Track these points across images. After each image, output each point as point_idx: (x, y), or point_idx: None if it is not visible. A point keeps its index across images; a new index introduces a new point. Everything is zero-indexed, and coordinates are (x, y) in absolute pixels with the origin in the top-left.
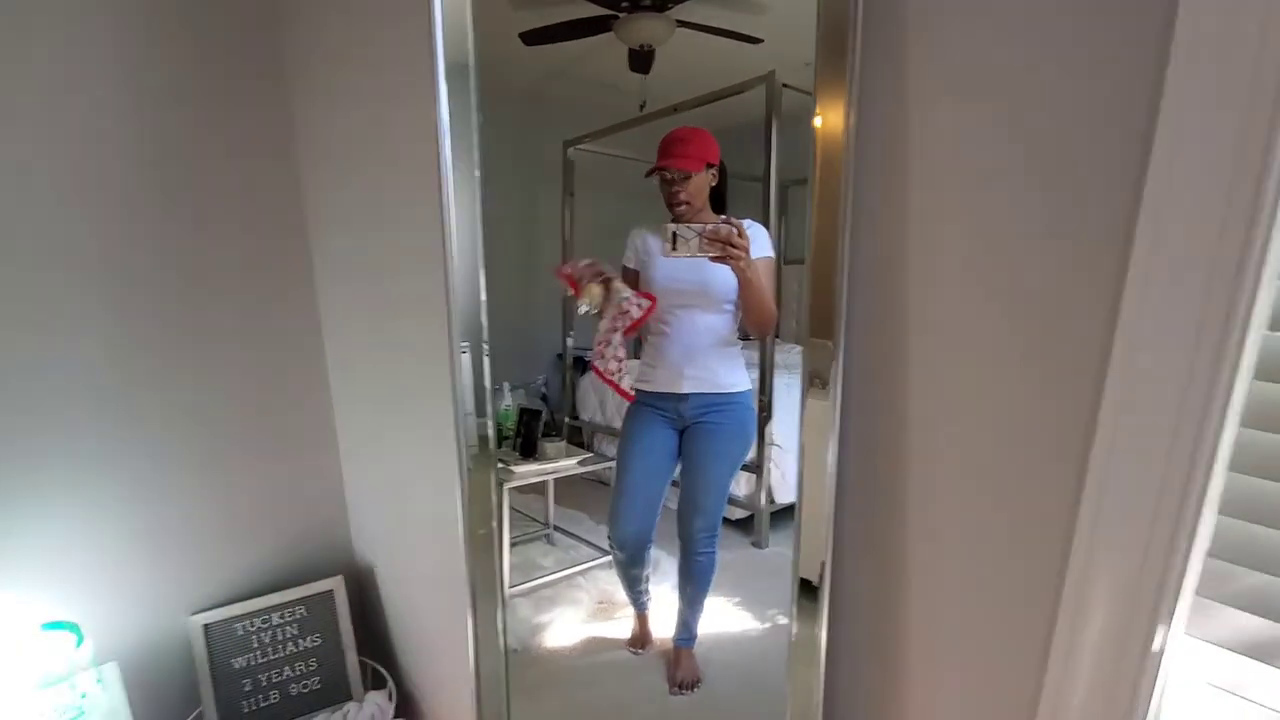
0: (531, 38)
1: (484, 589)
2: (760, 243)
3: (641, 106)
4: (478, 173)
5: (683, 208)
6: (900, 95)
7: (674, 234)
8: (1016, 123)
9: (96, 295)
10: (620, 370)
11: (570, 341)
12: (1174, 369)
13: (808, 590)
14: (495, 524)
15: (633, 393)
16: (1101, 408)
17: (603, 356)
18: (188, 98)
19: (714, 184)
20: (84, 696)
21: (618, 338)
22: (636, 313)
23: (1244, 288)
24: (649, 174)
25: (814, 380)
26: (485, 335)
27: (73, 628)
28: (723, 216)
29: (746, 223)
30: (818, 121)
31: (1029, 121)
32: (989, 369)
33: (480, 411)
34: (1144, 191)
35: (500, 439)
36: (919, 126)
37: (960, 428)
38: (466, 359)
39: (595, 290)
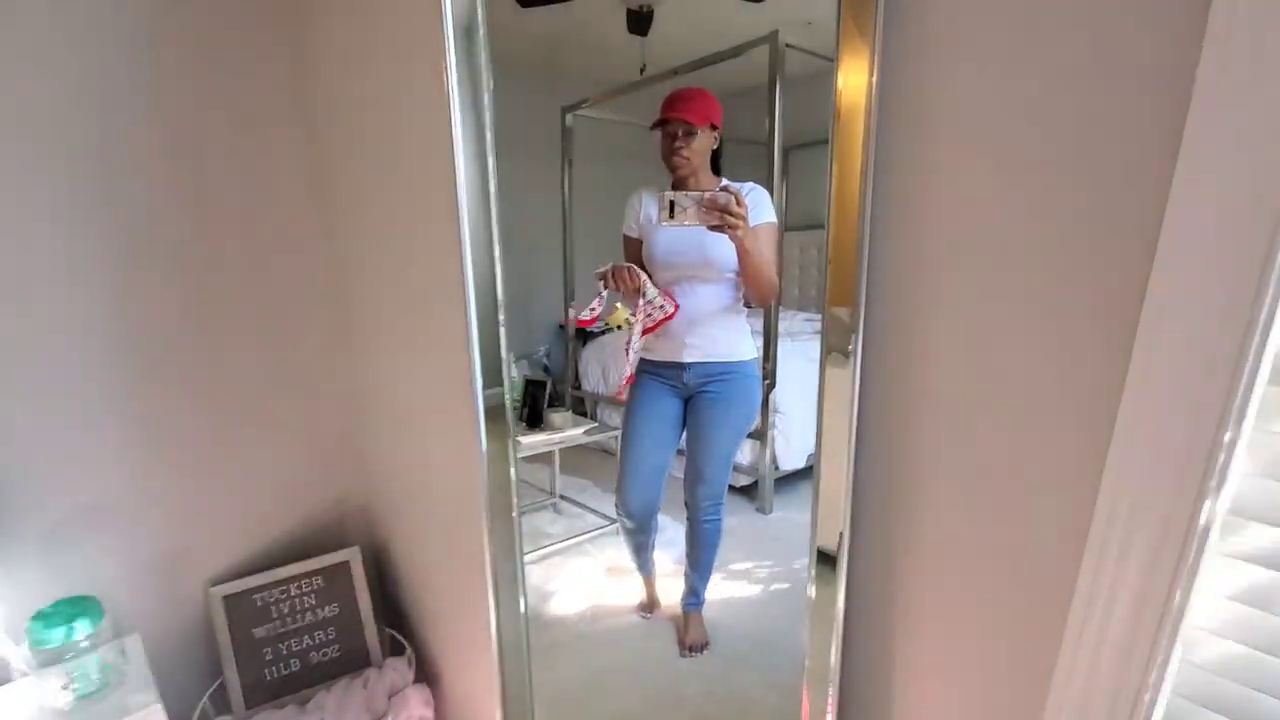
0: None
1: (503, 555)
2: (761, 207)
3: (641, 70)
4: (489, 135)
5: (683, 162)
6: (923, 50)
7: (671, 202)
8: (1048, 77)
9: (104, 259)
10: (632, 366)
11: (572, 313)
12: (1195, 342)
13: (825, 559)
14: (512, 492)
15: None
16: (1128, 378)
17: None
18: (189, 59)
19: (714, 146)
20: (108, 668)
21: (638, 336)
22: (659, 315)
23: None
24: (653, 126)
25: (833, 349)
26: (501, 304)
27: (93, 601)
28: (721, 181)
29: (747, 186)
30: (839, 79)
31: (1061, 74)
32: (1012, 339)
33: (497, 381)
34: (1179, 146)
35: None
36: (944, 83)
37: (982, 398)
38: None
39: (623, 314)
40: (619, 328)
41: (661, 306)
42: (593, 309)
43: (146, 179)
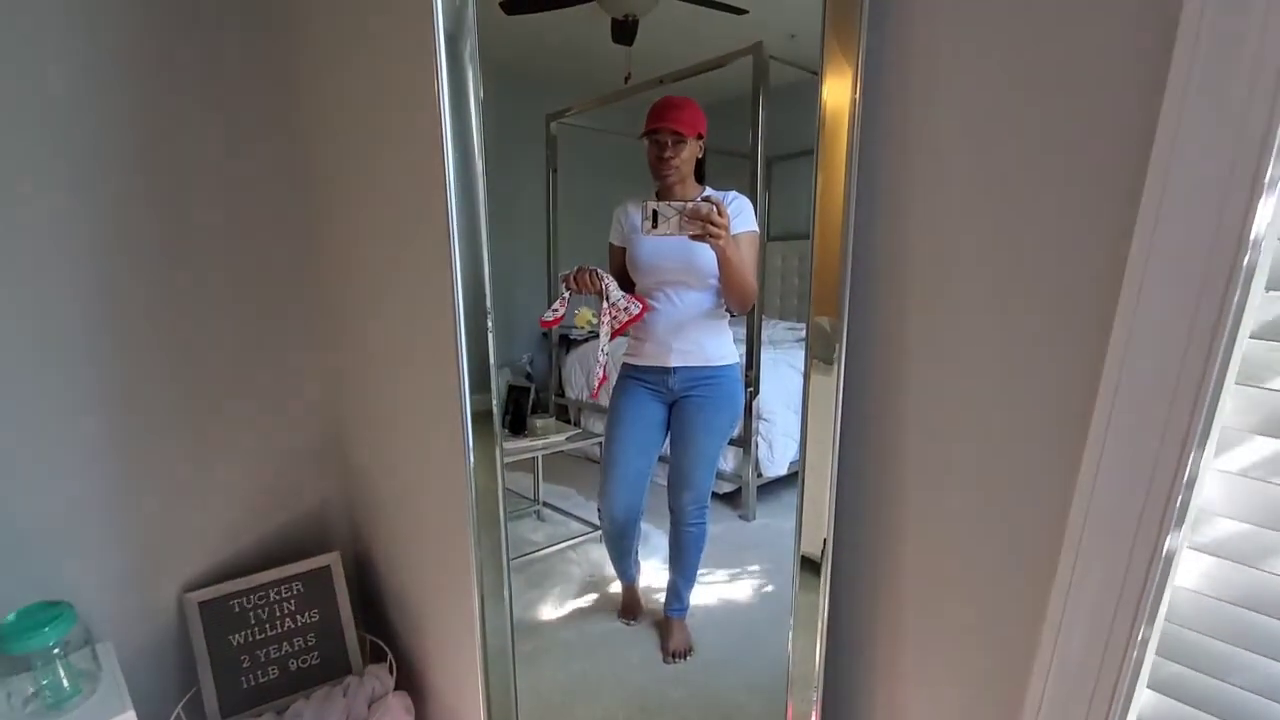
0: (512, 6)
1: (489, 563)
2: (744, 216)
3: (626, 79)
4: (478, 142)
5: (672, 171)
6: (906, 63)
7: (654, 212)
8: (1028, 88)
9: (81, 262)
10: (604, 366)
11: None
12: (1169, 350)
13: (809, 565)
14: (499, 499)
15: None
16: (1101, 384)
17: (600, 365)
18: (178, 61)
19: (699, 155)
20: (79, 676)
21: (605, 340)
22: (624, 317)
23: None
24: (643, 135)
25: (817, 358)
26: (489, 311)
27: (64, 606)
28: (705, 190)
29: (730, 195)
30: (824, 92)
31: (1042, 87)
32: (993, 349)
33: (484, 387)
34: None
35: None
36: (926, 96)
37: (963, 407)
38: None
39: (587, 314)
40: (586, 328)
41: (626, 309)
42: (555, 310)
43: (130, 184)
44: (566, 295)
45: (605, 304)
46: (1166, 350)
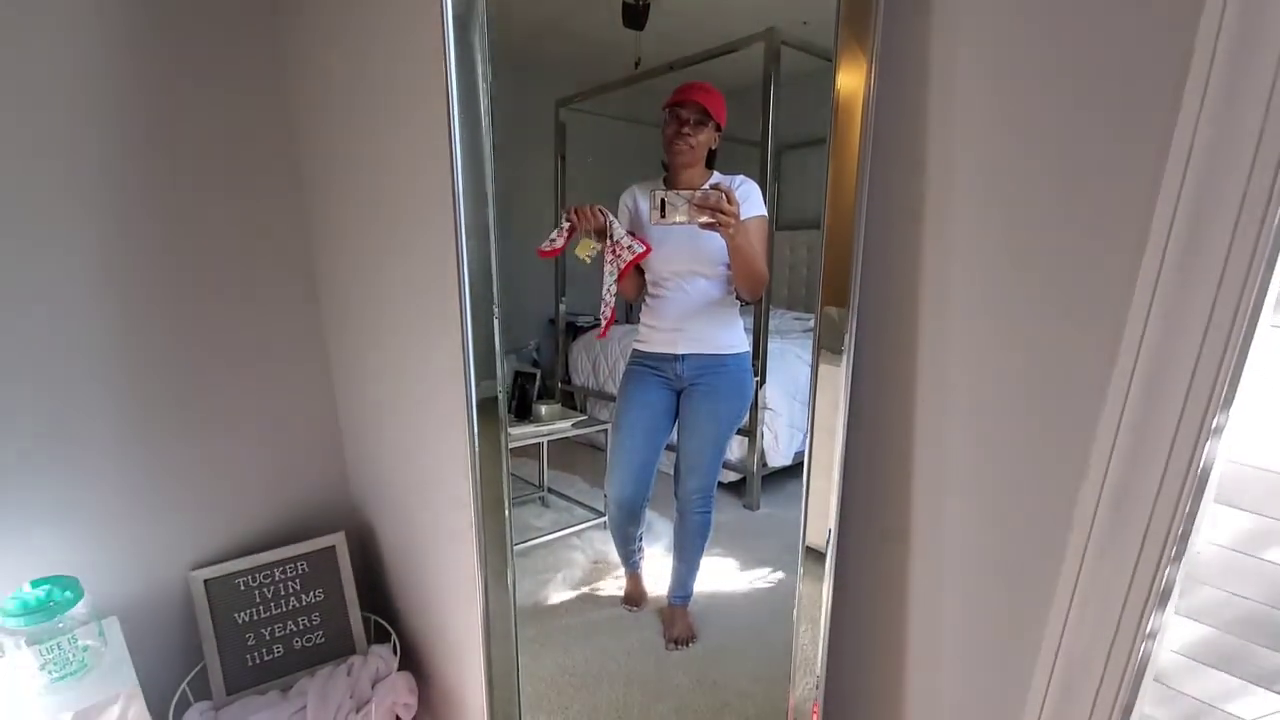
0: None
1: (493, 547)
2: (752, 201)
3: (636, 64)
4: (486, 127)
5: (686, 149)
6: (920, 52)
7: (662, 200)
8: (1044, 79)
9: (88, 248)
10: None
11: (563, 308)
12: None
13: (813, 555)
14: (504, 484)
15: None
16: (1112, 380)
17: (607, 304)
18: (173, 45)
19: (713, 146)
20: (85, 650)
21: (610, 280)
22: (628, 256)
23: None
24: (667, 105)
25: (825, 348)
26: (495, 295)
27: (72, 582)
28: (713, 176)
29: (738, 179)
30: (837, 80)
31: (1057, 76)
32: (1002, 342)
33: (489, 374)
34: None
35: None
36: (939, 86)
37: (971, 399)
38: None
39: (589, 243)
40: (588, 258)
41: (630, 247)
42: (552, 240)
43: (130, 155)
44: (566, 226)
45: (609, 242)
46: (1182, 340)
